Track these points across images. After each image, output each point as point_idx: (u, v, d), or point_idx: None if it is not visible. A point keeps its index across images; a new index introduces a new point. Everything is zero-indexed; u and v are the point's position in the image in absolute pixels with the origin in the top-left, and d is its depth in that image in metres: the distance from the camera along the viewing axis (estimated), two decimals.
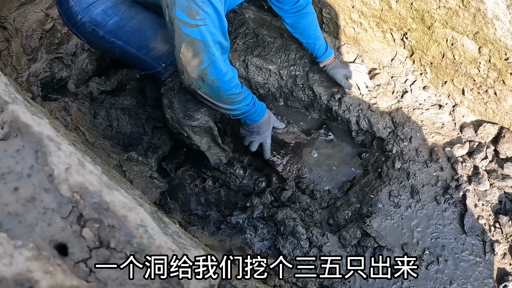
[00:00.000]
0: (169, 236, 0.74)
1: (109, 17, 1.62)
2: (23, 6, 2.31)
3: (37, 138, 0.67)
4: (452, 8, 1.91)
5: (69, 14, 1.65)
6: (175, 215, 2.07)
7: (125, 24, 1.63)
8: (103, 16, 1.62)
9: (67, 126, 2.01)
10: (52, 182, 0.64)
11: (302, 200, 2.15)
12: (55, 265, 0.56)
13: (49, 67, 2.28)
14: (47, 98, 2.23)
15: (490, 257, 1.88)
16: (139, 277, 0.61)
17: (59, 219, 0.62)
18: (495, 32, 1.85)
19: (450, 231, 1.95)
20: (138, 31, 1.63)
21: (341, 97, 2.36)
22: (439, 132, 2.23)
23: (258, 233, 2.01)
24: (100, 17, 1.62)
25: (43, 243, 0.60)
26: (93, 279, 0.59)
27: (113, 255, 0.62)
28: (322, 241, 1.90)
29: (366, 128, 2.33)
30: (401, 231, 1.96)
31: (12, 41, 2.21)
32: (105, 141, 2.12)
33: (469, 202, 1.97)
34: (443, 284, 1.82)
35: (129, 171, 1.98)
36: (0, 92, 0.82)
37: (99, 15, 1.62)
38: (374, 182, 2.15)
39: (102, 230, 0.63)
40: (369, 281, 1.83)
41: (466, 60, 2.05)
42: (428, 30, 2.08)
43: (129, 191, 1.21)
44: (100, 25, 1.63)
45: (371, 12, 2.20)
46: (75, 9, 1.62)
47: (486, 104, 2.15)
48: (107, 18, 1.62)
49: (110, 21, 1.63)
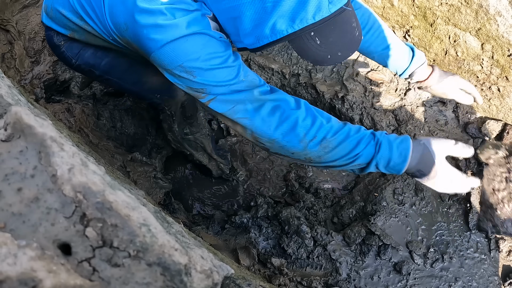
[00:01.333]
0: (172, 235, 0.75)
1: (100, 59, 1.64)
2: (25, 8, 2.32)
3: (40, 139, 0.68)
4: (454, 5, 1.90)
5: (63, 58, 1.67)
6: (179, 215, 2.08)
7: (116, 63, 1.65)
8: (94, 58, 1.64)
9: (70, 128, 2.01)
10: (55, 183, 0.65)
11: (306, 199, 2.15)
12: (59, 265, 0.57)
13: (52, 69, 2.29)
14: (51, 100, 2.23)
15: (495, 255, 1.88)
16: (142, 276, 0.61)
17: (62, 219, 0.63)
18: (498, 28, 1.84)
19: (455, 228, 1.95)
20: (130, 67, 1.66)
21: (344, 95, 2.36)
22: (443, 129, 2.22)
23: (262, 232, 2.01)
24: (92, 59, 1.64)
25: (47, 242, 0.60)
26: (97, 278, 0.60)
27: (116, 254, 0.62)
28: (327, 239, 1.90)
29: (370, 126, 2.33)
30: (405, 229, 1.96)
31: (15, 44, 2.21)
32: (109, 142, 2.12)
33: (474, 199, 1.97)
34: (448, 282, 1.82)
35: (133, 172, 1.99)
36: (3, 94, 0.83)
37: (91, 58, 1.64)
38: (378, 180, 2.14)
39: (105, 230, 0.63)
40: (373, 279, 1.83)
41: (469, 57, 2.05)
42: (430, 27, 2.07)
43: (132, 191, 1.21)
44: (94, 66, 1.66)
45: (373, 9, 2.20)
46: (67, 55, 1.64)
47: (490, 100, 2.14)
48: (99, 60, 1.64)
49: (102, 62, 1.65)
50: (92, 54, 1.63)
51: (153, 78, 1.65)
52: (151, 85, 1.66)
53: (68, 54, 1.63)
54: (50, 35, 1.61)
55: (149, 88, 1.67)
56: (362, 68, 2.42)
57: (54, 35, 1.60)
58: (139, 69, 1.65)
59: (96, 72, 1.68)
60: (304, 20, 1.03)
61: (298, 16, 1.02)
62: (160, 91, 1.67)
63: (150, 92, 1.70)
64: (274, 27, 1.05)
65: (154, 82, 1.65)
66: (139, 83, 1.66)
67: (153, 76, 1.63)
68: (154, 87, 1.66)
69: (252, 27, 1.09)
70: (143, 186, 1.97)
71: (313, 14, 1.02)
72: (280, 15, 1.03)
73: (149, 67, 1.57)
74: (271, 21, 1.05)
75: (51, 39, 1.61)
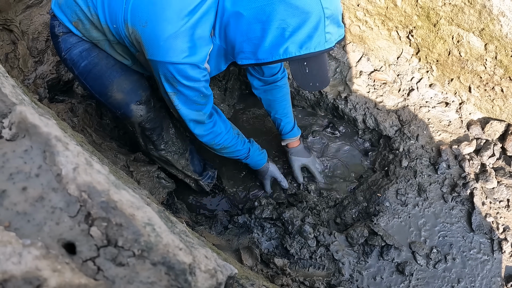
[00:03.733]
0: (177, 234, 0.75)
1: (82, 60, 1.72)
2: (29, 8, 2.32)
3: (45, 138, 0.68)
4: (457, 5, 1.90)
5: (57, 48, 1.76)
6: (182, 215, 2.08)
7: (91, 69, 1.72)
8: (78, 57, 1.72)
9: (74, 128, 2.02)
10: (60, 182, 0.65)
11: (309, 199, 2.15)
12: (63, 264, 0.57)
13: (56, 69, 2.29)
14: (54, 99, 2.24)
15: (498, 255, 1.87)
16: (146, 275, 0.61)
17: (67, 218, 0.63)
18: (501, 28, 1.84)
19: (458, 229, 1.94)
20: (99, 78, 1.72)
21: (348, 95, 2.36)
22: (446, 129, 2.22)
23: (265, 232, 2.01)
24: (76, 58, 1.72)
25: (52, 242, 0.60)
26: (101, 277, 0.60)
27: (121, 253, 0.62)
28: (330, 240, 1.90)
29: (373, 126, 2.33)
30: (408, 229, 1.95)
31: (19, 44, 2.22)
32: (112, 142, 2.12)
33: (477, 200, 1.96)
34: (451, 283, 1.82)
35: (136, 172, 1.99)
36: (7, 93, 0.83)
37: (76, 55, 1.72)
38: (381, 181, 2.14)
39: (110, 229, 0.63)
40: (376, 279, 1.83)
41: (472, 57, 2.04)
42: (433, 28, 2.07)
43: (136, 190, 1.21)
44: (75, 65, 1.74)
45: (376, 10, 2.19)
46: (61, 46, 1.73)
47: (493, 101, 2.14)
48: (81, 60, 1.72)
49: (82, 63, 1.72)
50: (78, 53, 1.71)
51: (116, 94, 1.72)
52: (113, 101, 1.73)
53: (61, 46, 1.73)
54: (53, 24, 1.72)
55: (111, 103, 1.74)
56: (365, 68, 2.42)
57: (57, 24, 1.71)
58: (107, 82, 1.72)
59: (75, 71, 1.76)
60: (308, 49, 1.38)
61: (305, 45, 1.37)
62: (119, 108, 1.74)
63: (113, 106, 1.76)
64: (287, 49, 1.38)
65: (116, 98, 1.72)
66: (105, 96, 1.74)
67: (117, 92, 1.72)
68: (115, 103, 1.73)
69: (270, 47, 1.39)
70: (146, 186, 1.97)
71: (315, 46, 1.38)
72: (293, 41, 1.36)
73: (115, 83, 1.71)
74: (285, 45, 1.37)
75: (53, 28, 1.72)
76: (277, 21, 1.34)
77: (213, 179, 2.27)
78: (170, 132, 1.96)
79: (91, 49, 1.72)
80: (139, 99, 1.73)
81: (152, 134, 1.88)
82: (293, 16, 1.32)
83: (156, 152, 1.98)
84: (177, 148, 2.02)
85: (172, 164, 2.07)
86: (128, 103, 1.72)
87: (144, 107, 1.75)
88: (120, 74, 1.73)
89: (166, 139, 1.95)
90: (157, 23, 1.41)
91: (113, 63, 1.74)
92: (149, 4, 1.41)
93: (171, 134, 1.97)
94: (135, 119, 1.77)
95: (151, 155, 2.02)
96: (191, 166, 2.14)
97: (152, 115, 1.80)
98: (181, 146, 2.04)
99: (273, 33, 1.36)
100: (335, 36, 1.43)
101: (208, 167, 2.27)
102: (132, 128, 1.85)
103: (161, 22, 1.40)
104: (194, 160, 2.16)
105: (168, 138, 1.96)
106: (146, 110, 1.77)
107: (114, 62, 1.74)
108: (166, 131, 1.94)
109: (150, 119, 1.80)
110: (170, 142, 1.97)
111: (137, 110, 1.74)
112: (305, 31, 1.34)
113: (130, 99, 1.72)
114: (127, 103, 1.72)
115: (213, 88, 2.29)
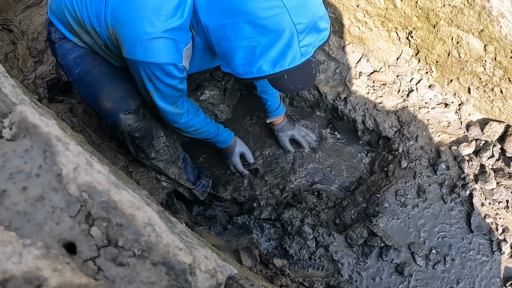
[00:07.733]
0: (177, 235, 0.75)
1: (76, 66, 1.74)
2: (28, 8, 2.32)
3: (46, 138, 0.68)
4: (457, 6, 1.90)
5: (54, 54, 1.80)
6: (181, 215, 2.08)
7: (83, 76, 1.73)
8: (73, 64, 1.74)
9: (73, 128, 2.01)
10: (60, 182, 0.65)
11: (308, 200, 2.15)
12: (64, 263, 0.57)
13: (56, 69, 2.29)
14: (53, 100, 2.24)
15: (497, 256, 1.88)
16: (146, 275, 0.61)
17: (67, 218, 0.63)
18: (501, 30, 1.84)
19: (457, 230, 1.95)
20: (91, 86, 1.73)
21: (347, 96, 2.36)
22: (445, 131, 2.22)
23: (264, 233, 2.01)
24: (71, 64, 1.74)
25: (52, 241, 0.60)
26: (102, 277, 0.60)
27: (121, 253, 0.62)
28: (329, 240, 1.90)
29: (372, 127, 2.33)
30: (407, 230, 1.95)
31: (18, 44, 2.22)
32: (112, 142, 2.12)
33: (476, 201, 1.97)
34: (450, 284, 1.82)
35: (135, 172, 1.99)
36: (7, 93, 0.83)
37: (71, 62, 1.74)
38: (381, 182, 2.14)
39: (110, 229, 0.63)
40: (375, 280, 1.83)
41: (471, 58, 2.05)
42: (433, 29, 2.07)
43: (136, 190, 1.21)
44: (70, 71, 1.76)
45: (376, 11, 2.20)
46: (57, 51, 1.76)
47: (492, 102, 2.14)
48: (75, 66, 1.74)
49: (76, 70, 1.74)
50: (73, 59, 1.74)
51: (105, 102, 1.73)
52: (103, 109, 1.73)
53: (58, 51, 1.76)
54: (50, 31, 1.76)
55: (102, 111, 1.75)
56: (364, 69, 2.42)
57: (53, 31, 1.74)
58: (97, 91, 1.73)
59: (69, 77, 1.78)
60: (282, 66, 1.36)
61: (278, 63, 1.35)
62: (109, 116, 1.74)
63: (103, 115, 1.76)
64: (260, 68, 1.36)
65: (106, 106, 1.73)
66: (95, 104, 1.75)
67: (107, 101, 1.72)
68: (105, 111, 1.73)
69: (242, 64, 1.39)
70: (145, 187, 1.97)
71: (289, 63, 1.36)
72: (265, 60, 1.34)
73: (105, 92, 1.72)
74: (258, 64, 1.36)
75: (50, 34, 1.77)
76: (245, 40, 1.32)
77: (208, 188, 2.26)
78: (160, 141, 1.94)
79: (85, 55, 1.74)
80: (127, 108, 1.72)
81: (142, 143, 1.87)
82: (262, 35, 1.30)
83: (147, 161, 1.97)
84: (168, 156, 2.00)
85: (165, 174, 2.06)
86: (117, 112, 1.72)
87: (133, 116, 1.75)
88: (111, 83, 1.73)
89: (157, 148, 1.94)
90: (133, 23, 1.42)
91: (105, 71, 1.75)
92: (125, 4, 1.43)
93: (162, 142, 1.95)
94: (124, 128, 1.76)
95: (143, 163, 2.02)
96: (184, 174, 2.12)
97: (141, 124, 1.80)
98: (173, 154, 2.02)
99: (243, 51, 1.35)
100: (316, 42, 1.40)
101: (202, 176, 2.26)
102: (122, 137, 1.84)
103: (136, 22, 1.41)
104: (187, 168, 2.14)
105: (159, 147, 1.94)
106: (134, 120, 1.76)
107: (106, 70, 1.76)
108: (157, 140, 1.92)
109: (139, 128, 1.80)
110: (162, 150, 1.96)
111: (125, 120, 1.74)
112: (277, 49, 1.32)
113: (119, 108, 1.72)
114: (116, 112, 1.72)
115: (212, 89, 2.29)
